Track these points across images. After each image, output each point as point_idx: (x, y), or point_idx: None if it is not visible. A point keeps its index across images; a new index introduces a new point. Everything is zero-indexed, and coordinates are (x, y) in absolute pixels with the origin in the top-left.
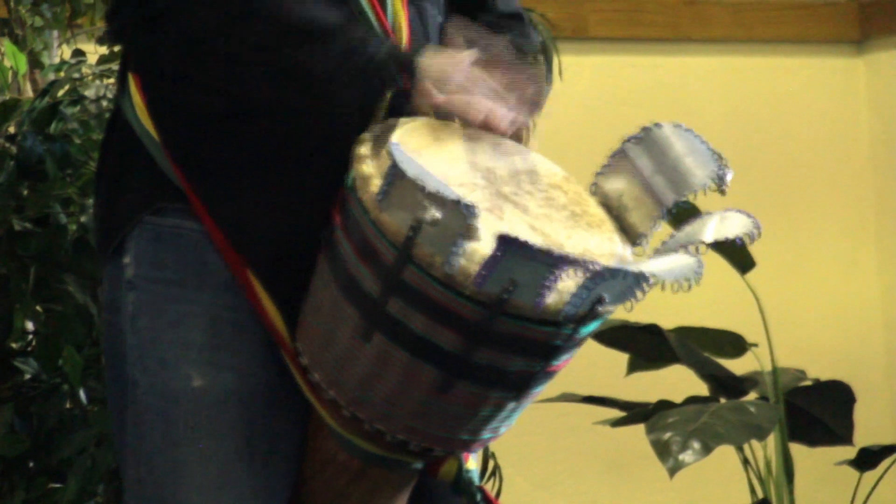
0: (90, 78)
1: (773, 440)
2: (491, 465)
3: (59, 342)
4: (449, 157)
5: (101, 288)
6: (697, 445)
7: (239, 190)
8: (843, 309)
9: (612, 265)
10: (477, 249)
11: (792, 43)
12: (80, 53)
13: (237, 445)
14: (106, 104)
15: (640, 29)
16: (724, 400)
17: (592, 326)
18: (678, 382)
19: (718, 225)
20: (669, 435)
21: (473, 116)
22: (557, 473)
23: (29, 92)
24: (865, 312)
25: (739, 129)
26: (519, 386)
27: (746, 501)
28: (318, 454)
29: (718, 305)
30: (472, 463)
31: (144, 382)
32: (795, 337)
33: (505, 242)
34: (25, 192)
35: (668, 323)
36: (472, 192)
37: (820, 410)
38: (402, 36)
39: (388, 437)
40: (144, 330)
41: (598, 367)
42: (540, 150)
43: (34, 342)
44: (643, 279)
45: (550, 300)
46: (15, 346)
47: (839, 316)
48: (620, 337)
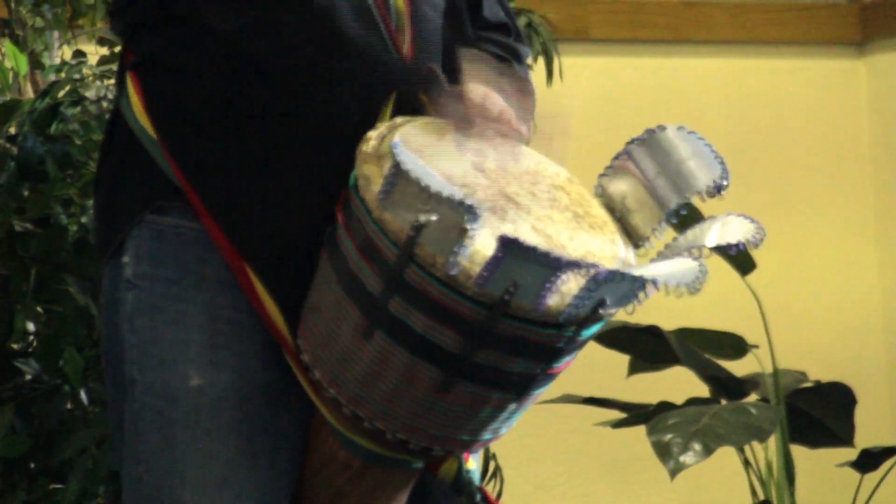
0: (91, 79)
1: (774, 442)
2: (492, 466)
3: (59, 343)
4: (452, 156)
5: (101, 287)
6: (698, 447)
7: (239, 188)
8: (844, 310)
9: (613, 268)
10: (479, 250)
11: (792, 45)
12: (80, 54)
13: (237, 444)
14: (107, 105)
15: (640, 30)
16: (724, 401)
17: (594, 329)
18: (679, 384)
19: (721, 229)
20: (670, 436)
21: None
22: (558, 475)
23: (30, 93)
24: (866, 314)
25: (740, 130)
26: (520, 387)
27: (747, 503)
28: (318, 452)
29: (719, 307)
30: (472, 463)
31: (142, 381)
32: (796, 338)
33: (506, 244)
34: (26, 192)
35: (668, 324)
36: (474, 192)
37: (821, 412)
38: (405, 39)
39: (388, 435)
40: (143, 329)
41: (598, 368)
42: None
43: (35, 343)
44: (645, 283)
45: (552, 302)
46: (16, 346)
47: (840, 317)
48: (621, 338)
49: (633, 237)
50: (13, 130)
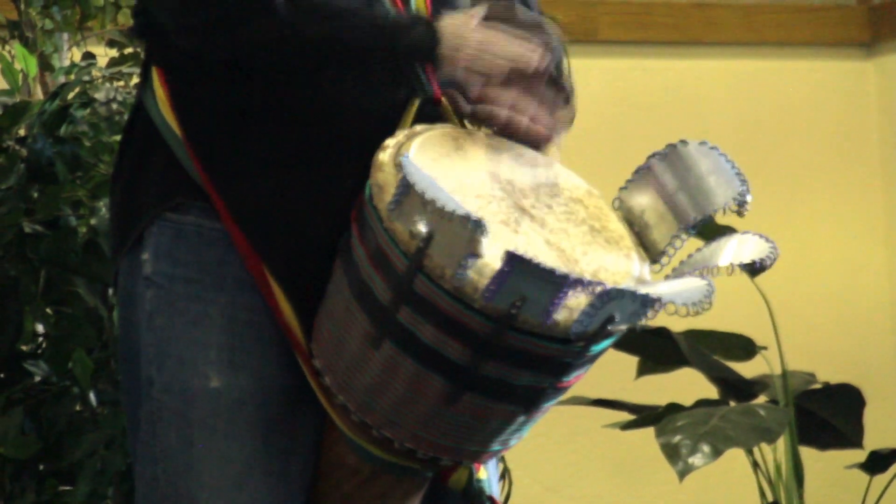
0: (100, 80)
1: (782, 443)
2: (501, 467)
3: (68, 345)
4: (469, 166)
5: (116, 280)
6: (707, 449)
7: (261, 191)
8: (852, 312)
9: (620, 286)
10: (487, 263)
11: (801, 46)
12: (90, 56)
13: (254, 447)
14: (116, 107)
15: (649, 32)
16: (733, 403)
17: (605, 345)
18: (688, 385)
19: (737, 248)
20: (679, 438)
21: (498, 67)
22: (567, 476)
23: (39, 94)
24: (875, 316)
25: (749, 132)
26: (527, 400)
27: None
28: (328, 456)
29: (728, 308)
30: (483, 472)
31: (160, 381)
32: (805, 340)
33: (512, 259)
34: (35, 194)
35: (677, 326)
36: (488, 203)
37: (830, 414)
38: None
39: (395, 444)
40: (162, 328)
41: (607, 370)
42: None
43: (44, 345)
44: (652, 301)
45: (560, 317)
46: (25, 348)
47: (849, 319)
48: (630, 340)
49: (650, 252)
50: (23, 132)
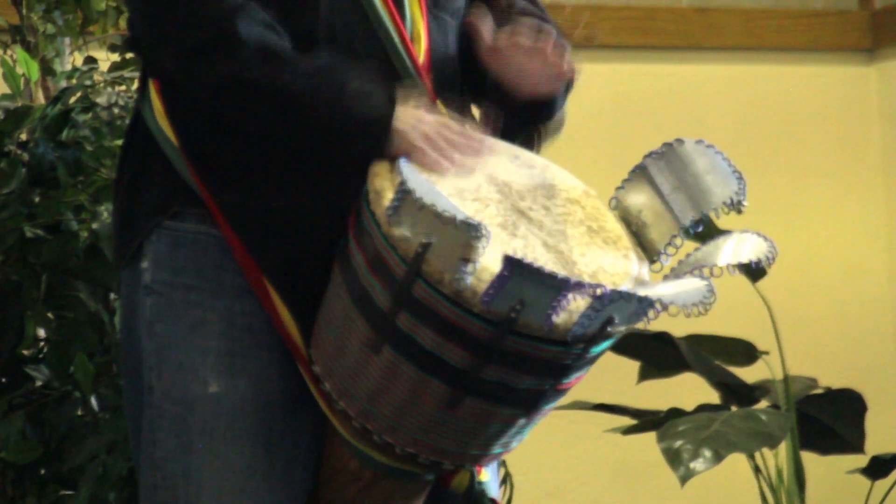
0: (102, 85)
1: (784, 448)
2: (502, 472)
3: (70, 349)
4: (465, 170)
5: (118, 292)
6: (708, 453)
7: (257, 196)
8: (854, 317)
9: (619, 289)
10: (486, 267)
11: (803, 51)
12: (91, 60)
13: (254, 452)
14: (118, 111)
15: (651, 37)
16: (735, 408)
17: (604, 346)
18: (689, 390)
19: (735, 247)
20: (680, 443)
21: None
22: (568, 481)
23: (41, 99)
24: (877, 321)
25: (750, 137)
26: (528, 403)
27: None
28: (329, 462)
29: (729, 313)
30: (485, 475)
31: (160, 387)
32: (807, 345)
33: (511, 263)
34: (37, 199)
35: (679, 331)
36: (485, 207)
37: (831, 419)
38: (420, 46)
39: (397, 449)
40: (162, 334)
41: (609, 374)
42: (552, 157)
43: (45, 349)
44: (652, 303)
45: (560, 320)
46: (26, 353)
47: (850, 324)
48: (631, 345)
49: (648, 251)
50: (24, 137)
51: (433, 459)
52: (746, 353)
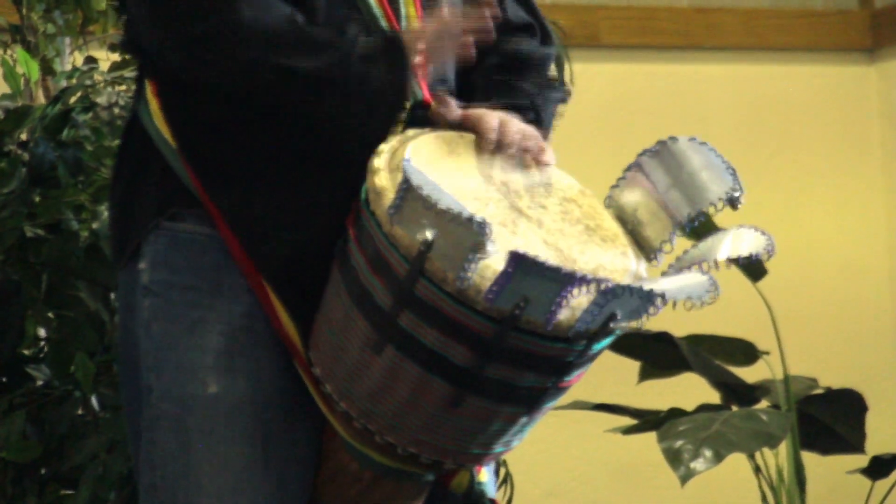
0: (102, 85)
1: (784, 448)
2: (502, 472)
3: (70, 349)
4: (464, 169)
5: (116, 293)
6: (709, 453)
7: (255, 197)
8: (854, 317)
9: (623, 283)
10: (489, 265)
11: (803, 51)
12: (92, 60)
13: (253, 452)
14: (118, 111)
15: (651, 37)
16: (735, 408)
17: (605, 343)
18: (690, 390)
19: (733, 242)
20: (681, 443)
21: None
22: (568, 481)
23: (41, 99)
24: (877, 321)
25: (751, 136)
26: (530, 401)
27: None
28: (329, 463)
29: (730, 313)
30: (484, 475)
31: (159, 388)
32: (807, 345)
33: (516, 259)
34: (37, 198)
35: (679, 331)
36: (486, 205)
37: (832, 419)
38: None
39: (398, 449)
40: (160, 335)
41: (609, 374)
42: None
43: (46, 349)
44: (655, 297)
45: (562, 317)
46: (27, 352)
47: (851, 324)
48: (632, 345)
49: (644, 249)
50: (25, 136)
51: (435, 459)
52: (747, 352)
